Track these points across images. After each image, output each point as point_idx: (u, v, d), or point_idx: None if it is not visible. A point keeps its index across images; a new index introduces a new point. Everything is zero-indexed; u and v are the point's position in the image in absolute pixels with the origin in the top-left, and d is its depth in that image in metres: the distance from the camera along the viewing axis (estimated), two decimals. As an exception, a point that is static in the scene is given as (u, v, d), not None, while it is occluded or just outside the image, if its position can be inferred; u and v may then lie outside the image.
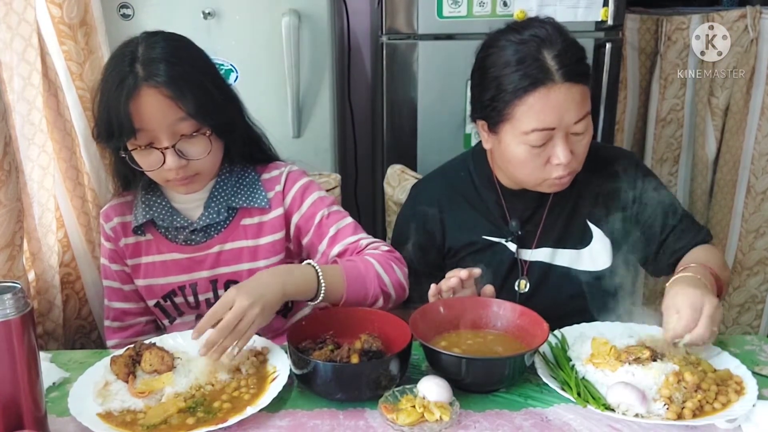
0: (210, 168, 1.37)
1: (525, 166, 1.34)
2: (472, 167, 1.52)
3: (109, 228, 1.46)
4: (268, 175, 1.47)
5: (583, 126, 1.31)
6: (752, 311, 2.46)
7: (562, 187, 1.37)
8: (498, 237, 1.47)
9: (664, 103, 2.41)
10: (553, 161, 1.31)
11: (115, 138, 1.28)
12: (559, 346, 1.23)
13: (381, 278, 1.33)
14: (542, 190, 1.39)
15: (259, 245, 1.43)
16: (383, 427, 1.07)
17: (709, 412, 1.05)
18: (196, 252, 1.43)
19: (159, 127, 1.27)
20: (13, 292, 0.97)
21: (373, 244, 1.41)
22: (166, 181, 1.35)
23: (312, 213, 1.43)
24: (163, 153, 1.28)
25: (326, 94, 2.03)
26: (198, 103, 1.27)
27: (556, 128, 1.28)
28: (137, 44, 1.29)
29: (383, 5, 1.98)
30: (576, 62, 1.29)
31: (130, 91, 1.24)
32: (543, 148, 1.30)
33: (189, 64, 1.31)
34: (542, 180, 1.35)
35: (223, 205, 1.41)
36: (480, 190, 1.50)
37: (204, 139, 1.31)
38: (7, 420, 0.98)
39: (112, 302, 1.50)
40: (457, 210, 1.50)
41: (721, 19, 2.26)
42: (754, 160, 2.32)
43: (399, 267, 1.38)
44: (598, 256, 1.46)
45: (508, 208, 1.47)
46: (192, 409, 1.10)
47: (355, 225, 1.45)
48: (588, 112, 1.32)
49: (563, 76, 1.26)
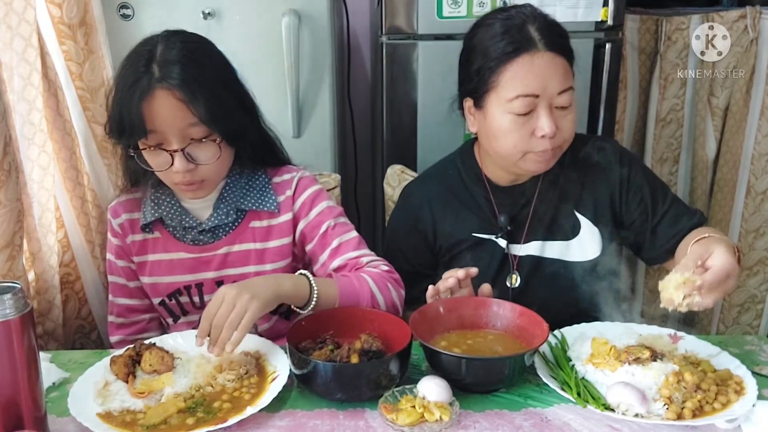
0: (217, 174, 1.37)
1: (509, 137, 1.35)
2: (461, 164, 1.53)
3: (116, 224, 1.46)
4: (280, 179, 1.47)
5: (566, 99, 1.33)
6: (752, 311, 2.46)
7: (545, 164, 1.38)
8: (488, 234, 1.48)
9: (664, 103, 2.40)
10: (538, 133, 1.33)
11: (126, 136, 1.28)
12: (559, 346, 1.23)
13: (375, 297, 1.33)
14: (525, 167, 1.39)
15: (267, 248, 1.43)
16: (383, 427, 1.07)
17: (709, 412, 1.06)
18: (203, 252, 1.43)
19: (170, 130, 1.27)
20: (13, 292, 0.97)
21: (373, 262, 1.41)
22: (173, 183, 1.35)
23: (318, 222, 1.43)
24: (172, 155, 1.28)
25: (326, 94, 2.03)
26: (210, 108, 1.26)
27: (540, 96, 1.31)
28: (156, 43, 1.28)
29: (383, 5, 1.98)
30: (558, 36, 1.35)
31: (144, 92, 1.24)
32: (527, 118, 1.33)
33: (206, 68, 1.30)
34: (525, 152, 1.35)
35: (232, 207, 1.41)
36: (469, 186, 1.51)
37: (213, 146, 1.31)
38: (7, 420, 0.98)
39: (116, 298, 1.50)
40: (447, 209, 1.51)
41: (721, 19, 2.26)
42: (754, 160, 2.32)
43: (395, 288, 1.38)
44: (588, 245, 1.46)
45: (497, 204, 1.48)
46: (192, 410, 1.10)
47: (359, 240, 1.45)
48: (571, 88, 1.34)
49: (546, 45, 1.32)
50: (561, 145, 1.37)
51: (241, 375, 1.18)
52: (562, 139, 1.36)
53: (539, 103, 1.32)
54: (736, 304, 2.46)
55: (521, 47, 1.32)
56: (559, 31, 1.37)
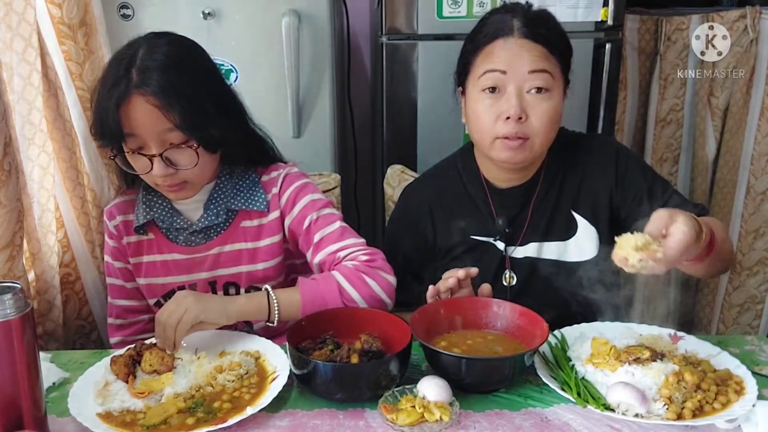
0: (199, 177, 1.36)
1: (480, 120, 1.35)
2: (461, 166, 1.52)
3: (112, 226, 1.46)
4: (268, 177, 1.47)
5: (539, 81, 1.32)
6: (752, 311, 2.46)
7: (512, 153, 1.34)
8: (486, 236, 1.48)
9: (663, 103, 2.41)
10: (502, 115, 1.32)
11: (107, 140, 1.30)
12: (559, 346, 1.23)
13: (345, 293, 1.32)
14: (495, 155, 1.37)
15: (258, 247, 1.43)
16: (383, 427, 1.07)
17: (709, 412, 1.05)
18: (195, 253, 1.43)
19: (147, 135, 1.27)
20: (13, 292, 0.97)
21: (352, 254, 1.38)
22: (156, 185, 1.35)
23: (302, 216, 1.42)
24: (151, 160, 1.29)
25: (326, 94, 2.03)
26: (186, 115, 1.26)
27: (508, 72, 1.32)
28: (139, 47, 1.28)
29: (383, 5, 1.98)
30: (540, 27, 1.35)
31: (121, 96, 1.24)
32: (495, 99, 1.33)
33: (186, 74, 1.29)
34: (493, 137, 1.35)
35: (222, 207, 1.41)
36: (468, 188, 1.50)
37: (191, 151, 1.30)
38: (7, 420, 0.98)
39: (114, 300, 1.50)
40: (446, 211, 1.50)
41: (721, 19, 2.26)
42: (753, 161, 2.32)
43: (374, 278, 1.34)
44: (585, 245, 1.45)
45: (495, 206, 1.47)
46: (192, 410, 1.10)
47: (342, 230, 1.42)
48: (546, 71, 1.32)
49: (523, 34, 1.33)
50: (531, 137, 1.33)
51: (241, 375, 1.18)
52: (532, 128, 1.33)
53: (507, 81, 1.32)
54: (736, 304, 2.47)
55: (497, 33, 1.34)
56: (545, 24, 1.36)
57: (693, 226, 1.06)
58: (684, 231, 1.04)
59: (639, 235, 1.05)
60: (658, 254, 1.03)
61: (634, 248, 1.04)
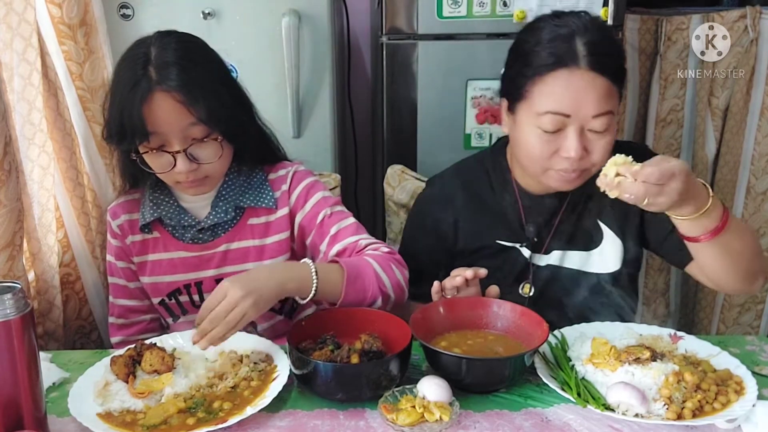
0: (219, 171, 1.37)
1: (533, 151, 1.29)
2: (490, 167, 1.48)
3: (116, 225, 1.46)
4: (275, 175, 1.47)
5: (602, 124, 1.25)
6: (752, 311, 2.46)
7: (567, 183, 1.32)
8: (512, 242, 1.44)
9: (664, 103, 2.40)
10: (562, 153, 1.27)
11: (128, 140, 1.28)
12: (559, 346, 1.23)
13: (380, 279, 1.32)
14: (547, 182, 1.33)
15: (266, 245, 1.44)
16: (383, 427, 1.07)
17: (709, 412, 1.05)
18: (202, 251, 1.43)
19: (171, 131, 1.27)
20: (13, 292, 0.98)
21: (373, 245, 1.40)
22: (175, 182, 1.35)
23: (315, 212, 1.43)
24: (174, 157, 1.29)
25: (326, 94, 2.03)
26: (209, 108, 1.27)
27: (572, 116, 1.25)
28: (150, 45, 1.28)
29: (383, 5, 1.98)
30: (607, 55, 1.26)
31: (144, 95, 1.24)
32: (554, 136, 1.27)
33: (202, 67, 1.30)
34: (547, 169, 1.31)
35: (230, 205, 1.41)
36: (497, 191, 1.46)
37: (215, 144, 1.31)
38: (7, 420, 0.98)
39: (116, 299, 1.50)
40: (471, 213, 1.47)
41: (721, 19, 2.26)
42: (754, 161, 2.32)
43: (398, 268, 1.37)
44: (609, 257, 1.42)
45: (525, 213, 1.44)
46: (192, 410, 1.10)
47: (357, 225, 1.44)
48: (610, 112, 1.26)
49: (589, 63, 1.23)
50: (589, 168, 1.29)
51: (258, 362, 1.21)
52: (590, 163, 1.28)
53: (570, 123, 1.25)
54: (736, 304, 2.46)
55: (561, 61, 1.24)
56: (610, 49, 1.28)
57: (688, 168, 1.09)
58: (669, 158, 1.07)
59: (622, 155, 1.10)
60: (636, 166, 1.06)
61: (613, 164, 1.08)
